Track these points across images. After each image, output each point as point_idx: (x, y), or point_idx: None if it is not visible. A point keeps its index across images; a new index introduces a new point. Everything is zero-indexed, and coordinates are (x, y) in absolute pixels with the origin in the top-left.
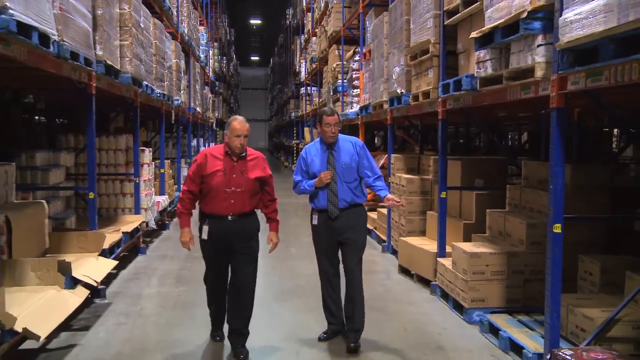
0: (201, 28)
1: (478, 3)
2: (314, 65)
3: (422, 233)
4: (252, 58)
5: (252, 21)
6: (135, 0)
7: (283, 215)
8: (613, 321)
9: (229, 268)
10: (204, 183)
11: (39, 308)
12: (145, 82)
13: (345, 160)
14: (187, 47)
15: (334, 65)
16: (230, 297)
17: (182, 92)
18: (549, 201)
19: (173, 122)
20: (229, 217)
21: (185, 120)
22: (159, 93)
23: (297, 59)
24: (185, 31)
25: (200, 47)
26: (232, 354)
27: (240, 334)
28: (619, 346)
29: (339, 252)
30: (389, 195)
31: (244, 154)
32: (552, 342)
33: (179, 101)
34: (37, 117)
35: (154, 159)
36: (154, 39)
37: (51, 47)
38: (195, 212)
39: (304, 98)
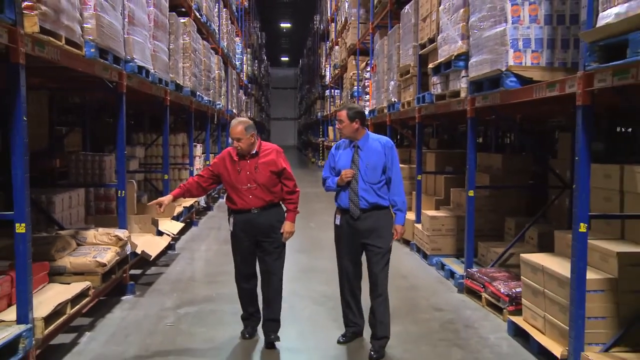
0: (237, 39)
1: (435, 43)
2: (336, 71)
3: (409, 209)
4: (283, 59)
5: (282, 25)
6: (193, 32)
7: (306, 202)
8: (509, 254)
9: (256, 263)
10: (223, 182)
11: (145, 242)
12: (198, 92)
13: (370, 160)
14: (226, 59)
15: (351, 73)
16: (261, 288)
17: (222, 97)
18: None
19: (215, 122)
20: (253, 210)
21: (224, 120)
22: (207, 100)
23: (323, 63)
24: (225, 45)
25: (236, 56)
26: (265, 341)
27: (272, 321)
28: (514, 270)
29: (362, 255)
30: (399, 227)
31: (254, 152)
32: (468, 265)
33: (220, 105)
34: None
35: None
36: (203, 57)
37: (149, 77)
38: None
39: (328, 99)
